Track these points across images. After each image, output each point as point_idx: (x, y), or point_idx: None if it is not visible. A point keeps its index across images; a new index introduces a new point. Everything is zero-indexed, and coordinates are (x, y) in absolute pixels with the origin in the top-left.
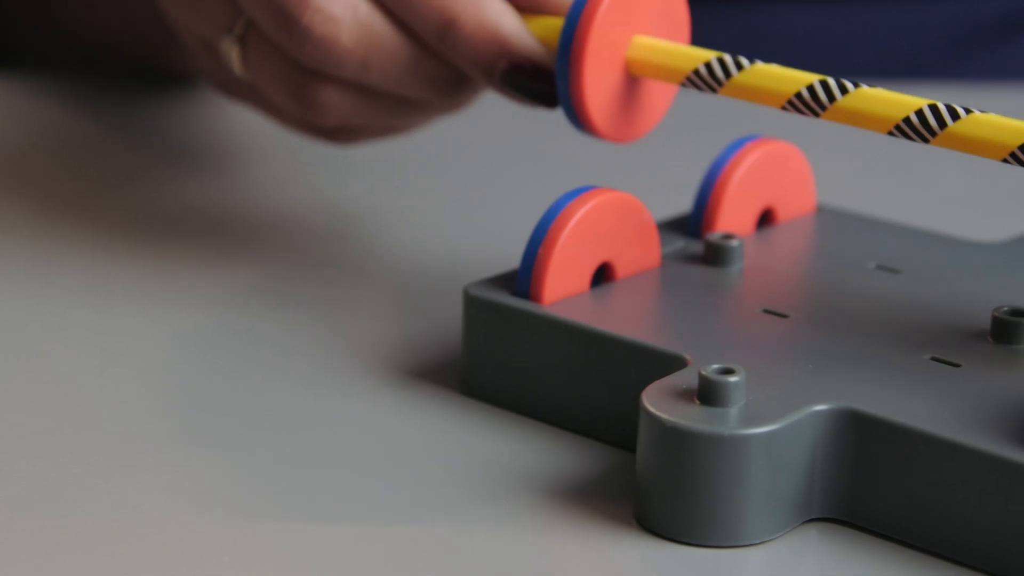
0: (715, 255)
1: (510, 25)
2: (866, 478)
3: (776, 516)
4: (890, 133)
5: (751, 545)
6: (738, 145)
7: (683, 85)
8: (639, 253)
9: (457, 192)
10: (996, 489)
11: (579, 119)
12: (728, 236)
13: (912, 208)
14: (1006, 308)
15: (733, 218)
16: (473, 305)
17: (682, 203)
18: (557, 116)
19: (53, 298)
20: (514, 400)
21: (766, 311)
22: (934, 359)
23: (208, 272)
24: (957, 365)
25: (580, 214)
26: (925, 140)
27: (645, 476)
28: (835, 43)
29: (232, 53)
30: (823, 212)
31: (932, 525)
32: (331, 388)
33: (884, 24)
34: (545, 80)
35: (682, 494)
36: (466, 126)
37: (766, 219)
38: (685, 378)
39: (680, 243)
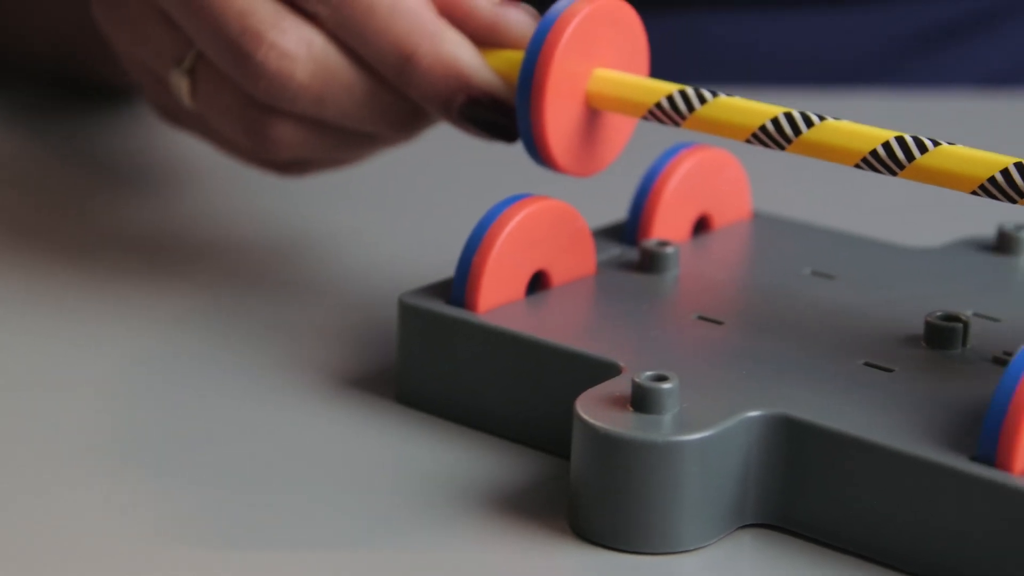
0: (650, 262)
1: (468, 59)
2: (799, 484)
3: (710, 522)
4: (857, 166)
5: (685, 551)
6: (673, 152)
7: (645, 118)
8: (574, 261)
9: (394, 201)
10: (928, 494)
11: (540, 154)
12: (663, 243)
13: (847, 214)
14: (939, 313)
15: (669, 225)
16: (408, 314)
17: (619, 211)
18: None
19: None
20: (450, 409)
21: (701, 318)
22: (868, 364)
23: (141, 290)
24: (890, 370)
25: (514, 222)
26: (893, 173)
27: (579, 484)
28: (773, 51)
29: (182, 86)
30: (759, 218)
31: (865, 530)
32: (268, 400)
33: (822, 31)
34: (504, 114)
35: (616, 501)
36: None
37: (702, 226)
38: (619, 385)
39: (616, 250)
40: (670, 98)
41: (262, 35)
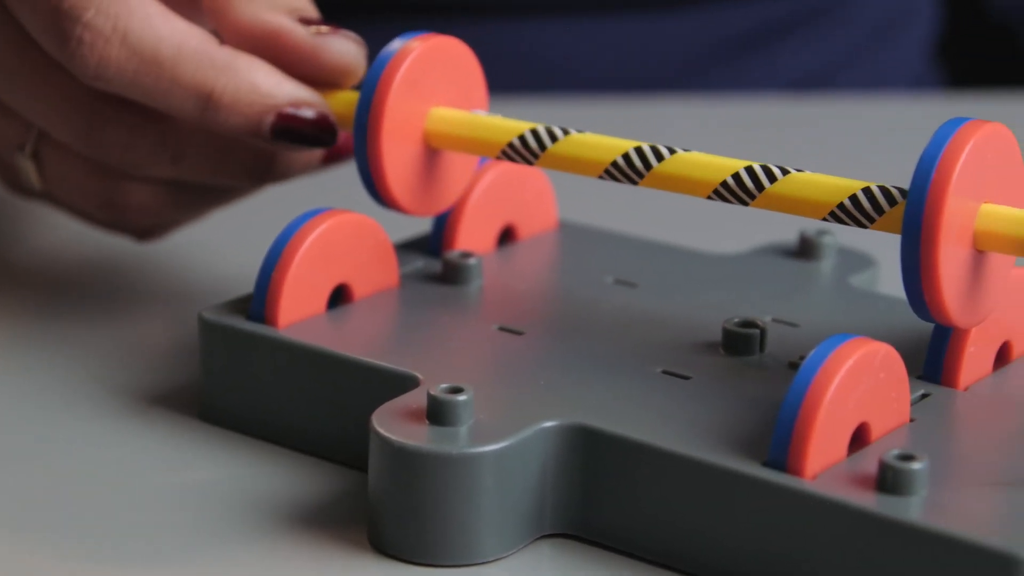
0: (453, 274)
1: (266, 79)
2: (597, 492)
3: (509, 533)
4: (709, 197)
5: (485, 563)
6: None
7: (498, 157)
8: (376, 274)
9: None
10: (722, 500)
11: (381, 195)
12: (466, 254)
13: (652, 222)
14: (737, 320)
15: (473, 236)
16: (208, 330)
17: (426, 223)
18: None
19: None
20: (253, 425)
21: (502, 328)
22: (666, 372)
23: None
24: (687, 378)
25: (313, 236)
26: (744, 203)
27: (377, 498)
28: (577, 59)
29: (28, 169)
30: (564, 228)
31: (662, 537)
32: (66, 418)
33: (627, 39)
34: (315, 123)
35: (413, 515)
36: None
37: (507, 236)
38: (416, 398)
39: (419, 262)
40: (522, 137)
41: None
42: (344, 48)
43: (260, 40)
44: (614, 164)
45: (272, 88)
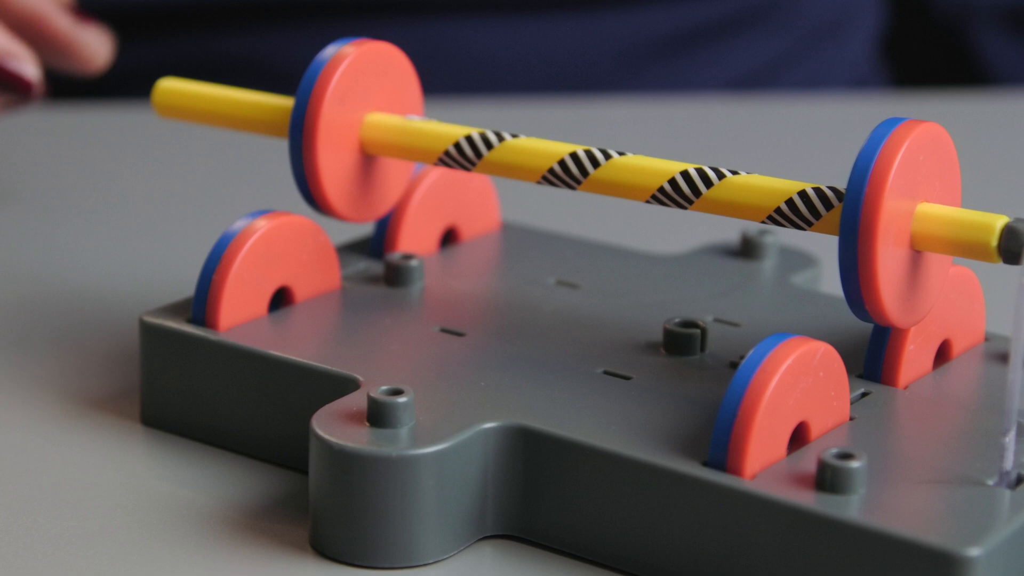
0: (395, 275)
1: None
2: (537, 494)
3: (450, 535)
4: (648, 201)
5: (426, 565)
6: (420, 165)
7: (436, 163)
8: (318, 276)
9: (139, 218)
10: (662, 500)
11: (317, 202)
12: (408, 256)
13: (595, 222)
14: (677, 320)
15: (415, 238)
16: (150, 333)
17: (370, 225)
18: (241, 140)
19: None
20: (195, 428)
21: (443, 330)
22: (606, 373)
23: None
24: (628, 378)
25: (253, 239)
26: (683, 207)
27: (318, 500)
28: (514, 58)
29: None
30: (507, 229)
31: (604, 538)
32: (9, 423)
33: (561, 37)
34: (11, 75)
35: (354, 517)
36: (140, 154)
37: (450, 238)
38: (356, 401)
39: (362, 265)
40: (458, 145)
41: None
42: (97, 41)
43: (25, 21)
44: (552, 170)
45: None
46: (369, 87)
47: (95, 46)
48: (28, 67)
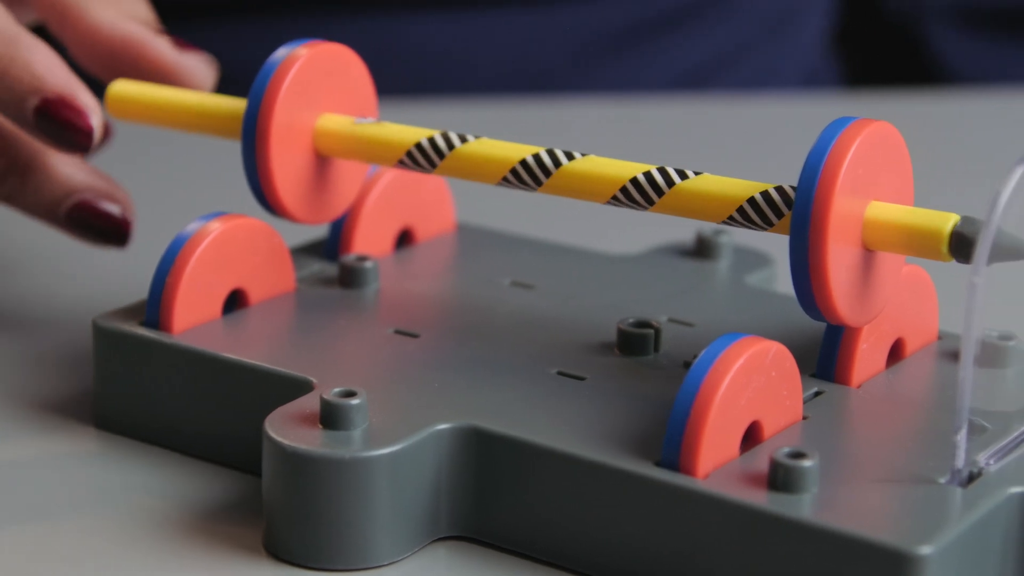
0: (349, 277)
1: (43, 60)
2: (491, 495)
3: (404, 537)
4: (607, 203)
5: (380, 567)
6: (373, 167)
7: (396, 165)
8: (272, 278)
9: None
10: (615, 500)
11: (270, 203)
12: (362, 258)
13: (551, 223)
14: (631, 320)
15: (370, 239)
16: (102, 336)
17: (325, 227)
18: (194, 142)
19: None
20: (149, 431)
21: (397, 331)
22: (560, 373)
23: None
24: (582, 379)
25: (207, 241)
26: (643, 208)
27: (271, 502)
28: (462, 55)
29: None
30: (463, 230)
31: (558, 539)
32: None
33: (509, 33)
34: (77, 114)
35: (307, 519)
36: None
37: (405, 239)
38: (310, 403)
39: (316, 267)
40: (410, 153)
41: None
42: (201, 70)
43: (119, 49)
44: (510, 174)
45: (44, 72)
46: (322, 88)
47: (200, 75)
48: (113, 206)
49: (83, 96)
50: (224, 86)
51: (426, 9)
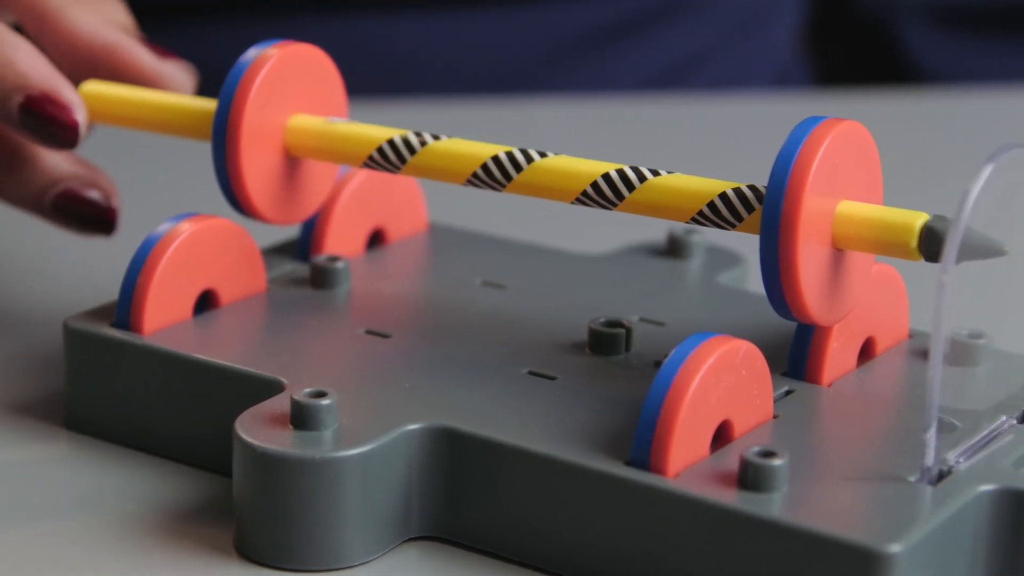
0: (321, 278)
1: (25, 58)
2: (462, 495)
3: (375, 537)
4: (574, 203)
5: (351, 567)
6: (344, 167)
7: (361, 167)
8: (243, 279)
9: None
10: (585, 500)
11: (241, 204)
12: (333, 258)
13: (522, 222)
14: (602, 320)
15: (341, 240)
16: (73, 337)
17: (297, 227)
18: (164, 143)
19: None
20: (120, 432)
21: (369, 332)
22: (532, 373)
23: None
24: (553, 378)
25: (178, 242)
26: (608, 208)
27: (242, 503)
28: (434, 56)
29: None
30: (434, 230)
31: (529, 538)
32: None
33: (481, 34)
34: (57, 111)
35: (278, 520)
36: None
37: (377, 239)
38: (280, 403)
39: (288, 267)
40: (381, 149)
41: None
42: (181, 78)
43: (98, 55)
44: (477, 173)
45: (27, 69)
46: (292, 89)
47: (180, 82)
48: (98, 194)
49: (67, 92)
50: (199, 88)
51: (398, 10)
